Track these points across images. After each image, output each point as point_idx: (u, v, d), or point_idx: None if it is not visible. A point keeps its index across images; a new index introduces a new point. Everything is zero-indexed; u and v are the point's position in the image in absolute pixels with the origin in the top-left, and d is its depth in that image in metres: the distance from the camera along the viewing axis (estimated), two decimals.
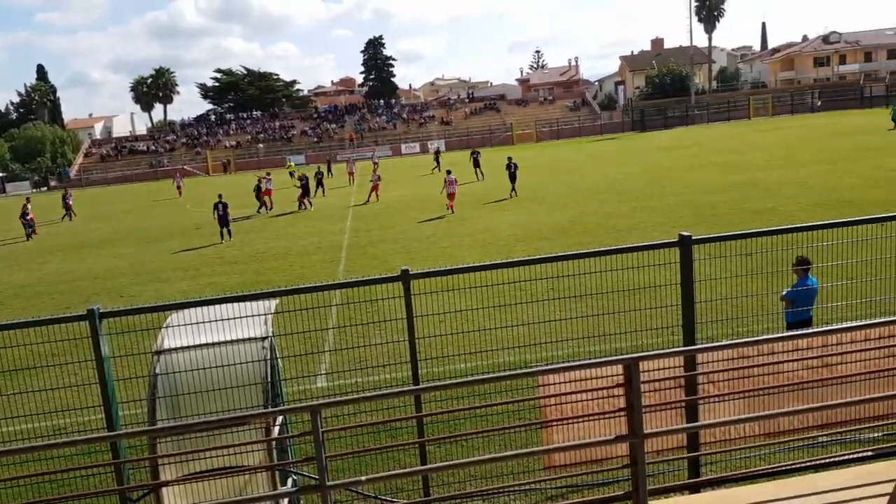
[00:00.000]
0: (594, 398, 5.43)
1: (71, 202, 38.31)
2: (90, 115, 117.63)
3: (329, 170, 48.79)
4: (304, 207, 31.01)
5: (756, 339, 5.12)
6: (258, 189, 31.59)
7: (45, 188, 74.65)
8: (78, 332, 5.48)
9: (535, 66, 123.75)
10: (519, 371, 4.81)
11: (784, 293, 7.75)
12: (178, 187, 46.85)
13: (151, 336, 5.92)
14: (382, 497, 6.70)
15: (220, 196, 24.36)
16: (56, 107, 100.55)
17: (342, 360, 9.51)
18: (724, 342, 4.84)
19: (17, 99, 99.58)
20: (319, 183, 36.82)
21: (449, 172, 27.20)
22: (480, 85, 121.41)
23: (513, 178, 28.67)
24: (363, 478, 4.01)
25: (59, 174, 77.31)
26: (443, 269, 6.34)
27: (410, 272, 6.03)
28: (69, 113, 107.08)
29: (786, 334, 5.52)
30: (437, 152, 49.03)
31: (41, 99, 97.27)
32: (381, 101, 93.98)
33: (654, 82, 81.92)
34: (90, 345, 5.39)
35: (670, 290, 6.13)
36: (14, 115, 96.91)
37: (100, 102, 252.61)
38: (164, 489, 4.86)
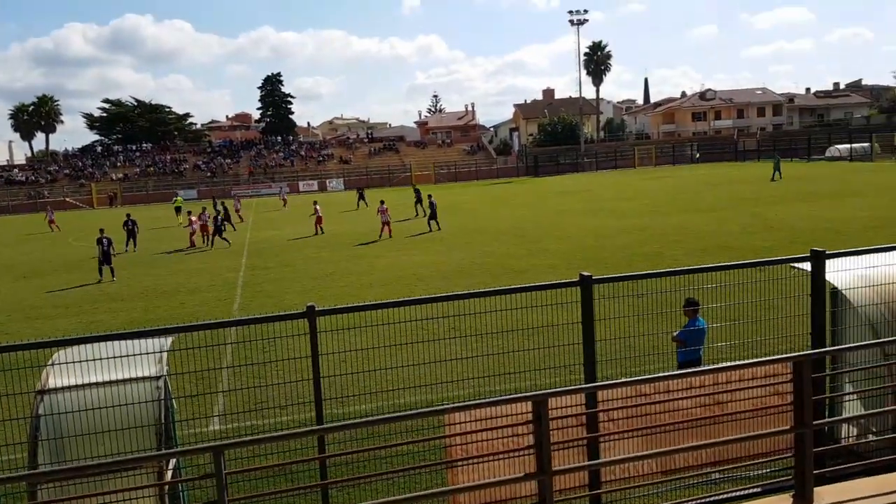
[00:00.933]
0: (499, 437, 5.50)
1: None
2: None
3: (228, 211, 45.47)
4: (208, 244, 29.72)
5: (652, 376, 5.39)
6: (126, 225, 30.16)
7: None
8: None
9: (432, 109, 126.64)
10: (427, 409, 4.82)
11: (675, 334, 8.18)
12: (51, 221, 43.89)
13: (33, 375, 5.49)
14: None
15: (101, 231, 23.10)
16: None
17: (238, 401, 9.15)
18: (625, 379, 5.02)
19: None
20: (226, 220, 33.12)
21: (382, 202, 29.89)
22: (379, 126, 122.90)
23: (433, 215, 30.17)
24: None
25: None
26: (349, 305, 6.29)
27: (316, 309, 5.93)
28: None
29: (679, 372, 5.83)
30: (361, 190, 49.46)
31: None
32: (279, 138, 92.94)
33: (546, 130, 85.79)
34: None
35: (568, 329, 6.31)
36: None
37: None
38: None
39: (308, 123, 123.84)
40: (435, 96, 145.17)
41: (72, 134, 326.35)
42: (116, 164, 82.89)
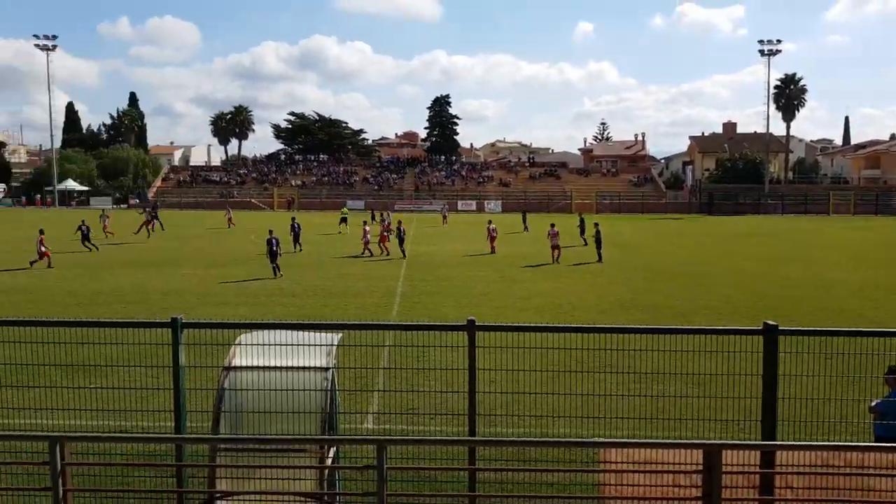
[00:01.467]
0: (658, 484, 5.18)
1: (107, 223, 39.07)
2: (171, 143, 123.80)
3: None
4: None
5: (844, 444, 4.83)
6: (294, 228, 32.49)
7: (124, 205, 78.02)
8: (157, 339, 5.61)
9: (599, 137, 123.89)
10: (584, 440, 4.66)
11: (873, 404, 7.20)
12: (229, 219, 48.82)
13: (221, 352, 5.99)
14: None
15: (270, 232, 25.18)
16: (142, 132, 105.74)
17: (393, 402, 9.41)
18: (812, 443, 4.55)
19: (108, 121, 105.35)
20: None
21: (552, 226, 29.51)
22: (541, 151, 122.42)
23: (599, 243, 29.34)
24: None
25: (137, 194, 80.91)
26: (508, 324, 6.25)
27: (476, 323, 5.96)
28: (153, 139, 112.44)
29: (878, 445, 5.18)
30: (524, 213, 49.73)
31: (130, 124, 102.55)
32: (442, 157, 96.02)
33: (725, 166, 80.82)
34: (169, 352, 5.49)
35: (743, 380, 5.85)
36: (104, 136, 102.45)
37: (180, 132, 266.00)
38: (217, 501, 4.83)
39: (471, 144, 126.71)
40: (602, 123, 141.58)
41: (260, 142, 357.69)
42: (296, 171, 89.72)
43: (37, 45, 79.75)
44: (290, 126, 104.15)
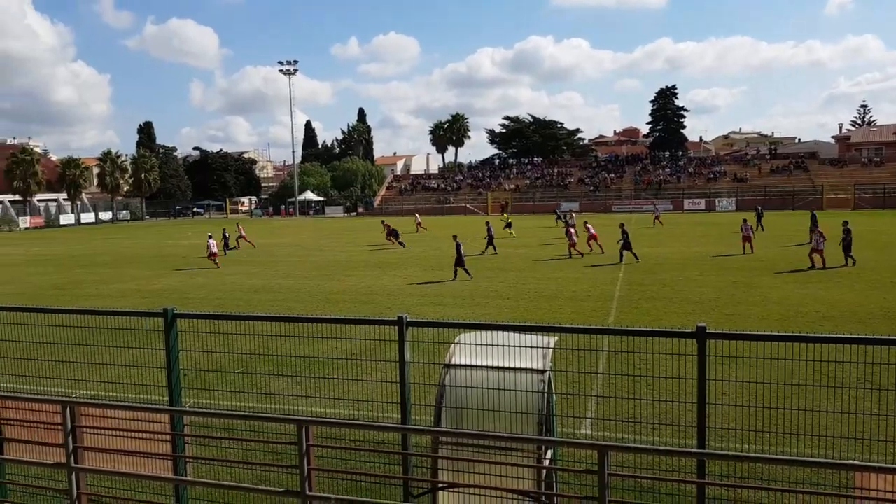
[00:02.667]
0: None
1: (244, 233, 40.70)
2: (394, 153, 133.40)
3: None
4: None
5: None
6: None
7: (353, 213, 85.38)
8: (384, 336, 5.98)
9: (858, 122, 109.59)
10: (842, 461, 4.10)
11: None
12: (418, 224, 51.78)
13: (442, 349, 6.22)
14: None
15: (454, 237, 26.11)
16: (369, 145, 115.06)
17: (611, 409, 9.13)
18: None
19: (340, 136, 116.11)
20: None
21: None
22: (785, 141, 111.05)
23: (847, 246, 25.74)
24: None
25: (365, 203, 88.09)
26: (741, 332, 5.70)
27: (707, 331, 5.51)
28: (378, 151, 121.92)
29: None
30: (760, 210, 45.18)
31: (359, 137, 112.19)
32: (667, 153, 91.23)
33: None
34: (395, 348, 5.81)
35: None
36: (337, 150, 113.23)
37: (401, 143, 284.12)
38: (440, 493, 5.00)
39: (700, 138, 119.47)
40: (863, 106, 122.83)
41: (475, 147, 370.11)
42: (510, 175, 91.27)
43: (281, 71, 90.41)
44: (504, 130, 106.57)
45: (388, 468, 6.32)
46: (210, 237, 32.01)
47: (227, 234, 38.32)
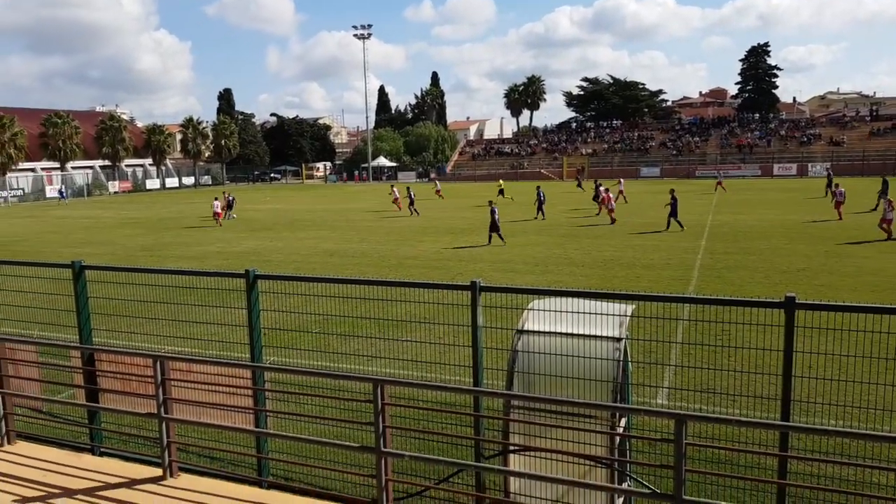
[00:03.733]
0: None
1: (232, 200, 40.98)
2: (467, 118, 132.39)
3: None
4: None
5: None
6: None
7: (425, 179, 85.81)
8: (458, 300, 5.99)
9: None
10: None
11: None
12: (437, 192, 51.30)
13: (514, 315, 6.18)
14: None
15: (490, 203, 26.41)
16: (442, 109, 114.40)
17: (688, 379, 8.91)
18: None
19: (413, 101, 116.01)
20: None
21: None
22: (888, 101, 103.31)
23: None
24: None
25: (437, 168, 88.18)
26: (833, 303, 5.40)
27: (797, 300, 5.25)
28: (451, 115, 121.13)
29: None
30: (830, 174, 42.34)
31: (432, 102, 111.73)
32: (756, 115, 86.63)
33: None
34: (468, 312, 5.83)
35: None
36: (410, 115, 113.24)
37: (475, 107, 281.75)
38: (510, 455, 5.03)
39: (794, 99, 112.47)
40: None
41: (551, 111, 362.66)
42: (587, 139, 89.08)
43: (355, 35, 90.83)
44: (582, 93, 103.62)
45: (459, 430, 6.39)
46: (216, 199, 37.63)
47: (230, 198, 41.10)
